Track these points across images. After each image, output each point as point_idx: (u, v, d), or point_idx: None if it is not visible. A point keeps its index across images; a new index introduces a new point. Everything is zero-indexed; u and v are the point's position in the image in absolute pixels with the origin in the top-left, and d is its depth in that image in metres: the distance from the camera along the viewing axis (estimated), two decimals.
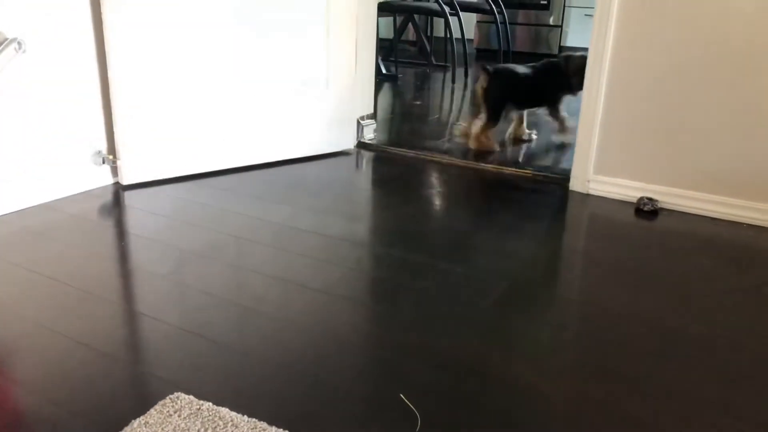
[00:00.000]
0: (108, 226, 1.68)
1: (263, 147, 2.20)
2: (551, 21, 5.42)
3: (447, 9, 3.99)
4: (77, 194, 1.88)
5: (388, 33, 5.21)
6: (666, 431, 0.97)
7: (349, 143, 2.45)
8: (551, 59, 2.69)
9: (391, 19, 4.88)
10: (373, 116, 2.59)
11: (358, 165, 2.32)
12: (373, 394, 1.04)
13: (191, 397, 1.02)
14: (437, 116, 3.17)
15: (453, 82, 4.17)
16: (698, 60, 1.81)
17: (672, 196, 1.93)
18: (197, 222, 1.72)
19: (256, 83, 2.12)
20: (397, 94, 3.75)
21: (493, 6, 4.61)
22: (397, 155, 2.43)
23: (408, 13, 4.31)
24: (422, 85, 4.07)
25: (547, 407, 1.03)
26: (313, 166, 2.25)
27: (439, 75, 4.47)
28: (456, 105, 3.53)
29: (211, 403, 1.01)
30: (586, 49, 2.03)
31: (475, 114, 2.55)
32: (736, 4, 1.73)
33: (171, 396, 1.03)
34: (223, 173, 2.11)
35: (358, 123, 2.51)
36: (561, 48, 5.44)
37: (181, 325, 1.22)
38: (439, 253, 1.57)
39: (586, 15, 5.29)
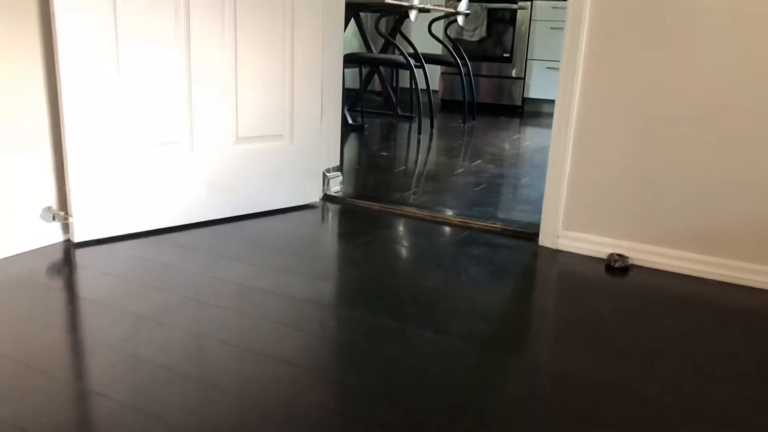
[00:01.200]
0: (55, 289, 1.58)
1: (225, 201, 2.13)
2: (513, 73, 5.53)
3: (412, 61, 4.03)
4: (23, 253, 1.77)
5: (354, 83, 5.24)
6: None
7: (314, 196, 2.40)
8: None
9: (356, 69, 4.92)
10: (339, 168, 2.55)
11: (323, 219, 2.26)
12: None
13: None
14: (403, 167, 3.15)
15: (419, 133, 4.18)
16: (666, 115, 1.82)
17: (642, 252, 1.91)
18: (153, 283, 1.63)
19: (215, 137, 2.06)
20: (363, 144, 3.73)
21: (458, 59, 4.68)
22: (363, 208, 2.38)
23: (374, 64, 4.33)
24: (388, 135, 4.07)
25: None
26: (277, 220, 2.18)
27: (405, 125, 4.48)
28: (422, 156, 3.52)
29: None
30: (549, 101, 2.03)
31: None
32: (698, 61, 1.75)
33: None
34: (183, 229, 2.03)
35: (324, 175, 2.46)
36: (524, 99, 5.54)
37: (132, 403, 1.12)
38: (407, 316, 1.51)
39: (548, 68, 5.41)
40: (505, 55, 5.49)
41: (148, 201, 1.96)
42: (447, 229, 2.19)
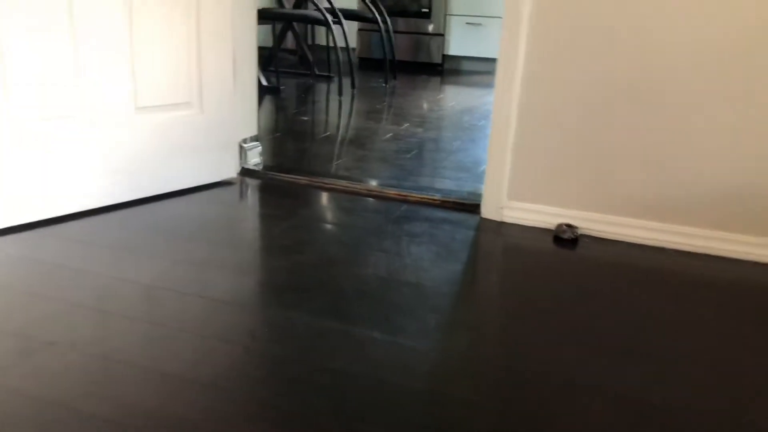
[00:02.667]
0: None
1: (123, 182, 1.84)
2: (431, 29, 5.33)
3: (329, 17, 3.75)
4: None
5: (267, 41, 4.89)
6: None
7: (230, 171, 2.14)
8: None
9: (269, 26, 4.57)
10: (257, 138, 2.28)
11: (242, 197, 2.01)
12: None
13: None
14: (327, 133, 2.91)
15: (340, 94, 3.93)
16: (616, 79, 1.68)
17: (592, 222, 1.79)
18: (41, 290, 1.34)
19: (111, 106, 1.76)
20: (280, 108, 3.45)
21: (376, 14, 4.42)
22: (287, 183, 2.15)
23: (288, 20, 4.01)
24: (307, 97, 3.80)
25: None
26: (189, 201, 1.91)
27: (324, 86, 4.21)
28: (345, 120, 3.29)
29: None
30: (470, 59, 1.85)
31: None
32: (653, 22, 1.61)
33: None
34: (74, 218, 1.73)
35: (241, 147, 2.19)
36: (444, 57, 5.38)
37: None
38: (352, 315, 1.31)
39: (467, 23, 5.25)
40: (423, 10, 5.27)
41: (35, 186, 1.64)
42: (383, 203, 1.99)
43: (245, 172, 2.20)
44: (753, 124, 1.60)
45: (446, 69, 5.42)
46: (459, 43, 5.30)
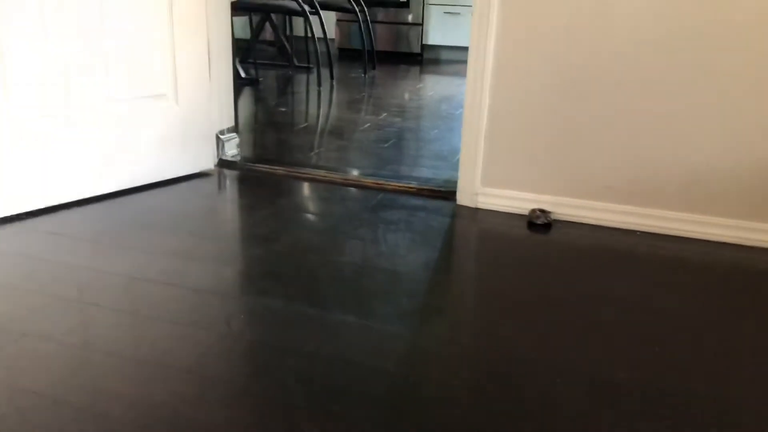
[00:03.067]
0: None
1: (99, 175, 1.84)
2: (410, 19, 5.34)
3: (307, 7, 3.74)
4: None
5: (245, 33, 4.87)
6: None
7: (208, 163, 2.14)
8: None
9: (246, 18, 4.55)
10: (235, 129, 2.29)
11: (220, 188, 2.02)
12: None
13: None
14: (305, 124, 2.92)
15: (318, 84, 3.93)
16: (584, 64, 1.71)
17: (565, 207, 1.83)
18: (18, 283, 1.35)
19: (86, 99, 1.76)
20: (259, 100, 3.45)
21: (354, 5, 4.42)
22: (265, 173, 2.16)
23: (265, 11, 4.01)
24: (285, 89, 3.80)
25: None
26: (165, 193, 1.92)
27: (303, 77, 4.21)
28: (324, 111, 3.30)
29: None
30: (448, 48, 1.88)
31: None
32: (617, 4, 1.64)
33: None
34: (49, 211, 1.73)
35: (218, 138, 2.20)
36: (423, 46, 5.39)
37: None
38: (327, 301, 1.33)
39: (446, 12, 5.26)
40: (401, 0, 5.28)
41: (10, 181, 1.64)
42: (360, 192, 2.02)
43: (223, 164, 2.21)
44: (721, 106, 1.64)
45: (425, 58, 5.44)
46: (438, 32, 5.31)
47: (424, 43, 5.36)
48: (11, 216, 1.67)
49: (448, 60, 5.39)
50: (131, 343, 1.15)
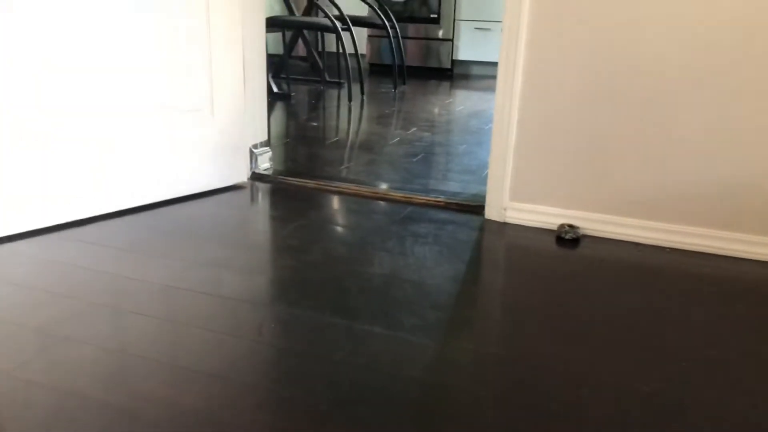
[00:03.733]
0: None
1: (138, 187, 1.91)
2: (441, 35, 5.38)
3: (338, 24, 3.82)
4: None
5: (277, 49, 4.97)
6: None
7: (241, 176, 2.20)
8: None
9: (279, 34, 4.65)
10: (268, 143, 2.35)
11: (253, 200, 2.07)
12: None
13: None
14: (336, 138, 2.97)
15: (349, 100, 3.99)
16: (613, 79, 1.72)
17: (593, 222, 1.83)
18: (60, 289, 1.41)
19: (124, 115, 1.83)
20: (291, 114, 3.52)
21: (385, 20, 4.48)
22: (296, 186, 2.20)
23: (298, 28, 4.09)
24: (317, 103, 3.86)
25: None
26: (200, 205, 1.98)
27: (334, 92, 4.28)
28: (354, 125, 3.35)
29: None
30: (479, 63, 1.90)
31: None
32: (646, 21, 1.65)
33: None
34: (91, 222, 1.80)
35: (251, 152, 2.26)
36: (453, 62, 5.43)
37: None
38: (354, 311, 1.36)
39: (476, 28, 5.29)
40: (432, 15, 5.33)
41: (51, 190, 1.71)
42: (389, 205, 2.05)
43: (256, 177, 2.26)
44: (750, 123, 1.64)
45: (456, 74, 5.47)
46: (468, 47, 5.35)
47: (454, 58, 5.39)
48: (54, 225, 1.74)
49: (479, 75, 5.42)
50: (167, 349, 1.19)
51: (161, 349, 1.19)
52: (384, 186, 2.23)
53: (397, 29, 4.69)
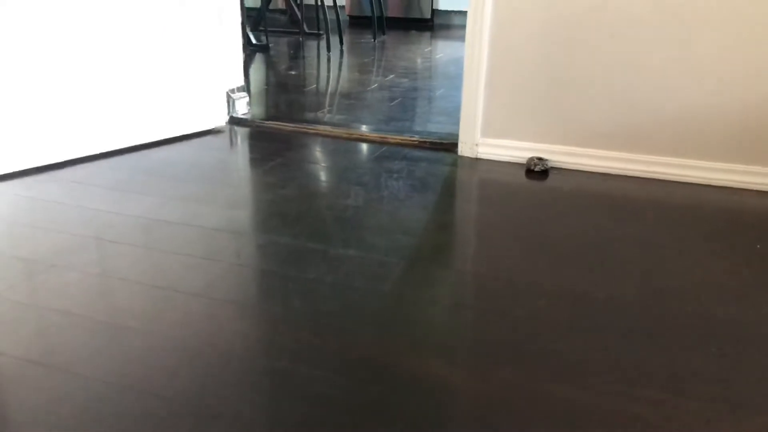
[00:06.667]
0: None
1: (117, 130, 1.94)
2: None
3: None
4: None
5: (255, 2, 4.92)
6: (589, 403, 0.90)
7: (219, 120, 2.23)
8: None
9: None
10: (245, 89, 2.37)
11: (231, 143, 2.11)
12: (268, 416, 0.89)
13: None
14: (315, 86, 2.99)
15: (328, 50, 3.99)
16: (577, 17, 1.76)
17: (561, 155, 1.89)
18: (44, 224, 1.46)
19: (101, 56, 1.85)
20: (270, 64, 3.52)
21: None
22: (274, 130, 2.24)
23: None
24: (296, 54, 3.87)
25: (463, 400, 0.92)
26: (178, 148, 2.02)
27: (313, 43, 4.27)
28: (333, 74, 3.37)
29: None
30: (459, 13, 1.93)
31: None
32: None
33: None
34: (71, 164, 1.84)
35: (228, 96, 2.29)
36: (434, 12, 5.40)
37: (32, 357, 1.00)
38: (329, 237, 1.43)
39: None
40: None
41: (33, 133, 1.75)
42: (364, 145, 2.10)
43: (234, 121, 2.30)
44: (710, 56, 1.69)
45: (436, 24, 5.45)
46: None
47: (434, 8, 5.37)
48: (37, 167, 1.78)
49: (459, 25, 5.40)
50: (146, 273, 1.25)
51: (142, 273, 1.25)
52: (360, 128, 2.27)
53: None
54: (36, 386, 0.93)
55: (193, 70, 2.08)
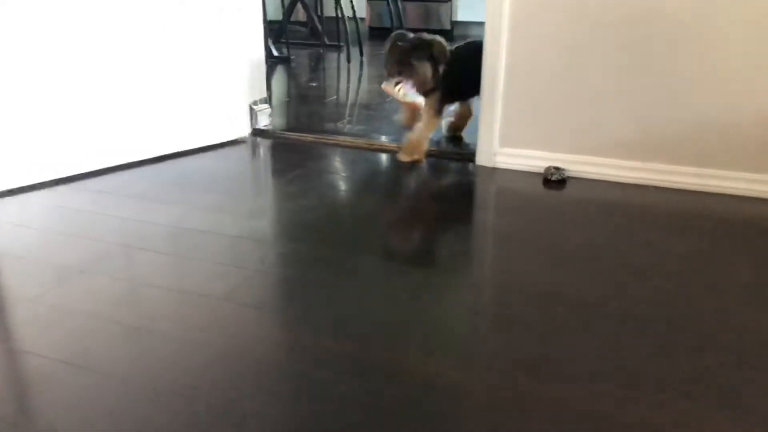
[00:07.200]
0: None
1: (143, 141, 2.00)
2: None
3: None
4: None
5: (277, 15, 5.00)
6: (605, 413, 0.92)
7: (242, 131, 2.29)
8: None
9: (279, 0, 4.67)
10: (267, 100, 2.43)
11: (254, 154, 2.16)
12: (288, 417, 0.92)
13: None
14: (335, 97, 3.04)
15: (348, 61, 4.05)
16: (599, 26, 1.78)
17: (578, 164, 1.91)
18: (74, 232, 1.51)
19: (132, 71, 1.91)
20: (291, 76, 3.59)
21: None
22: (295, 141, 2.29)
23: None
24: (317, 66, 3.92)
25: (478, 406, 0.95)
26: (202, 158, 2.07)
27: (333, 55, 4.33)
28: (353, 85, 3.42)
29: None
30: (478, 24, 1.97)
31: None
32: None
33: None
34: (100, 173, 1.89)
35: (251, 108, 2.34)
36: (453, 23, 5.44)
37: (64, 358, 1.04)
38: (348, 245, 1.46)
39: None
40: None
41: (62, 144, 1.81)
42: (383, 156, 2.13)
43: (256, 132, 2.35)
44: (731, 60, 1.70)
45: (456, 35, 5.49)
46: (467, 8, 5.35)
47: (453, 19, 5.41)
48: (64, 177, 1.84)
49: (478, 36, 5.43)
50: (174, 279, 1.30)
51: (169, 279, 1.30)
52: (380, 138, 2.31)
53: None
54: (68, 386, 0.98)
55: (219, 83, 2.14)
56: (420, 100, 2.08)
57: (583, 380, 0.99)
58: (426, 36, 2.02)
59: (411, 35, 2.00)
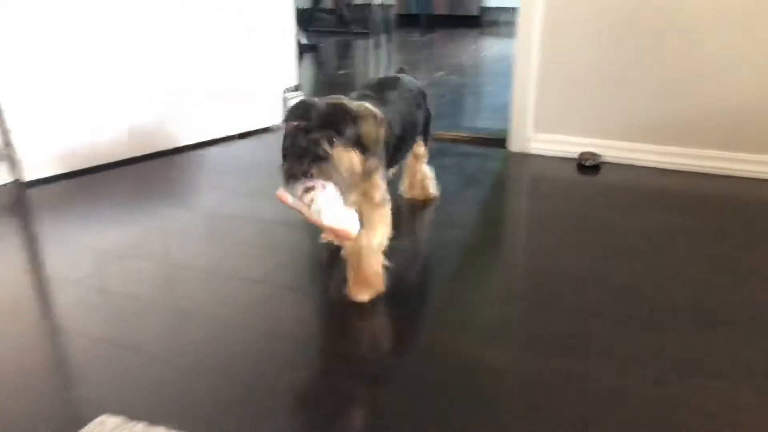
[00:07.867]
0: (10, 231, 1.49)
1: (181, 130, 2.03)
2: None
3: None
4: None
5: (306, 3, 5.01)
6: (641, 393, 0.91)
7: (275, 119, 2.30)
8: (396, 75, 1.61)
9: None
10: (298, 88, 2.44)
11: None
12: (326, 395, 0.93)
13: (121, 418, 0.89)
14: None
15: (376, 48, 4.04)
16: (630, 11, 1.75)
17: (613, 149, 1.89)
18: (114, 217, 1.55)
19: (169, 61, 1.94)
20: (320, 64, 3.60)
21: None
22: None
23: None
24: (345, 53, 3.93)
25: (515, 386, 0.95)
26: (238, 145, 2.09)
27: (361, 42, 4.33)
28: (382, 72, 3.41)
29: (144, 423, 0.88)
30: (506, 9, 1.95)
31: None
32: None
33: (96, 420, 0.89)
34: (139, 161, 1.93)
35: (284, 96, 2.35)
36: (482, 9, 5.39)
37: (105, 336, 1.07)
38: None
39: None
40: None
41: (99, 133, 1.85)
42: None
43: None
44: (759, 50, 1.66)
45: (484, 21, 5.44)
46: None
47: (482, 5, 5.36)
48: (107, 164, 1.88)
49: (507, 22, 5.38)
50: (213, 262, 1.32)
51: (208, 262, 1.32)
52: None
53: None
54: (111, 364, 1.00)
55: (253, 72, 2.16)
56: (347, 216, 1.07)
57: (617, 361, 0.99)
58: (345, 103, 1.10)
59: (321, 102, 1.07)
